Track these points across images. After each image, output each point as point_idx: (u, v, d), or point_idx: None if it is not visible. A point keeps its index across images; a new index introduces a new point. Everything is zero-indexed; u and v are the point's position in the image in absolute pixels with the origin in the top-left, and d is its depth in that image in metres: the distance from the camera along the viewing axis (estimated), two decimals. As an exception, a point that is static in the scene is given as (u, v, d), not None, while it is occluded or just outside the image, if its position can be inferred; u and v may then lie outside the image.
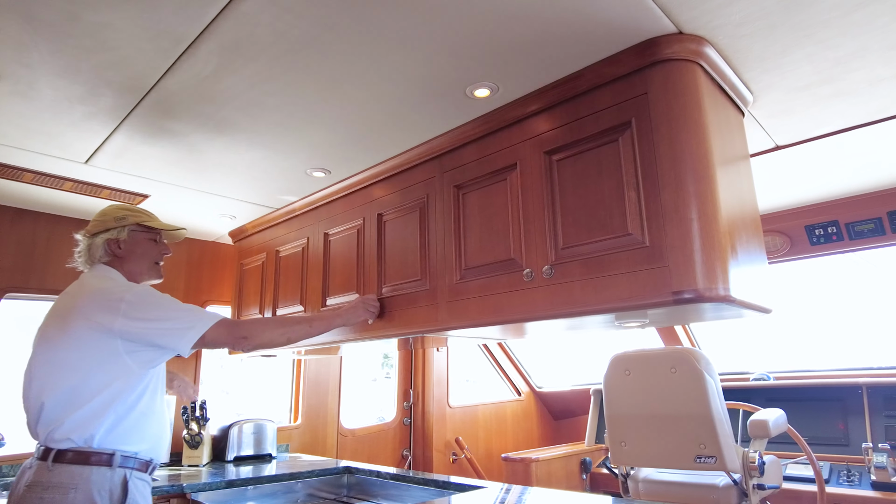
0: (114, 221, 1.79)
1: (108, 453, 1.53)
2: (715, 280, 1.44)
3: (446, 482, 2.35)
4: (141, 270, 1.83)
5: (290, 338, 1.86)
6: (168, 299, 1.69)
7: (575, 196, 1.69)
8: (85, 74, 1.63)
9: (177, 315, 1.65)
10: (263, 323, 1.84)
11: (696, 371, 2.49)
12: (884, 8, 1.40)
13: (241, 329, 1.75)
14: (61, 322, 1.61)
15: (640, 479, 2.90)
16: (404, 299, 2.16)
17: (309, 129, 2.01)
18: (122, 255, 1.79)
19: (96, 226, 1.79)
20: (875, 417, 3.10)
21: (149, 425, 1.64)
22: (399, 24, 1.45)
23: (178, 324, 1.64)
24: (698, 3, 1.40)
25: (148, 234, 1.85)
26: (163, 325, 1.62)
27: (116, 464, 1.53)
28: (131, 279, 1.79)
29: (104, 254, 1.77)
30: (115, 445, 1.55)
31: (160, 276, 1.90)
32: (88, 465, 1.50)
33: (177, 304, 1.69)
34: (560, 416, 4.77)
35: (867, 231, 2.81)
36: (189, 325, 1.65)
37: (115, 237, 1.77)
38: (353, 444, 3.71)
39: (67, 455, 1.50)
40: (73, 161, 2.23)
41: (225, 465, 2.93)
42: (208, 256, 3.39)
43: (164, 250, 1.91)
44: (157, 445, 1.67)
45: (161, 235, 1.90)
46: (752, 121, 1.98)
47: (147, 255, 1.84)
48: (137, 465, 1.59)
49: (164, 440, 1.72)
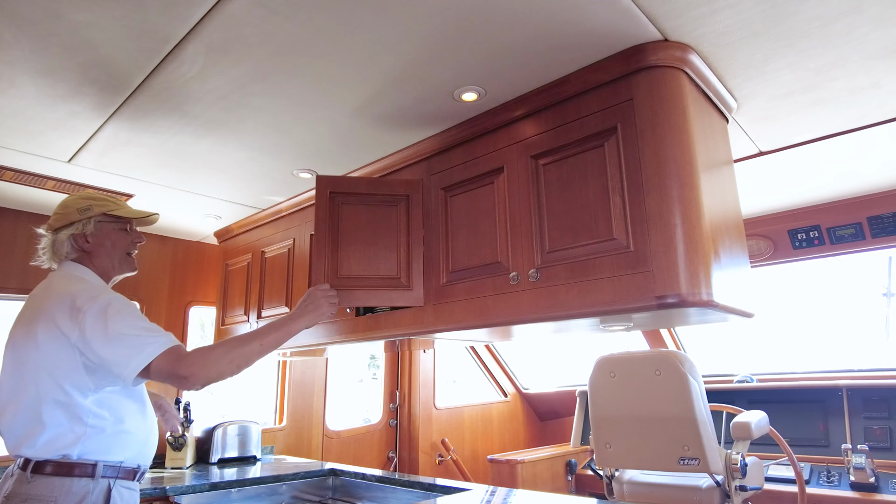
0: (77, 213, 1.62)
1: (90, 464, 1.44)
2: (698, 285, 1.46)
3: (432, 484, 2.35)
4: (113, 264, 1.67)
5: (241, 364, 1.55)
6: (129, 316, 1.49)
7: (561, 200, 1.70)
8: (68, 73, 1.61)
9: (130, 335, 1.45)
10: (207, 355, 1.50)
11: (680, 374, 2.51)
12: (861, 20, 1.43)
13: (182, 367, 1.45)
14: (27, 327, 1.50)
15: (625, 481, 2.92)
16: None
17: (296, 130, 2.01)
18: (91, 250, 1.63)
19: (58, 220, 1.63)
20: (854, 419, 3.15)
21: (133, 433, 1.54)
22: (386, 27, 1.45)
23: (127, 346, 1.43)
24: (683, 11, 1.41)
25: (117, 223, 1.68)
26: (112, 346, 1.43)
27: (99, 474, 1.44)
28: (103, 274, 1.65)
29: (71, 250, 1.62)
30: (96, 456, 1.45)
31: (134, 268, 1.74)
32: (69, 477, 1.41)
33: (135, 323, 1.48)
34: (546, 417, 4.79)
35: (848, 236, 2.86)
36: (138, 350, 1.43)
37: (80, 231, 1.61)
38: (339, 446, 3.70)
39: (46, 467, 1.41)
40: (56, 160, 2.20)
41: (209, 468, 2.91)
42: (193, 257, 3.36)
43: (136, 239, 1.74)
44: (143, 451, 1.58)
45: (132, 223, 1.74)
46: (737, 127, 2.01)
47: (117, 247, 1.68)
48: (123, 474, 1.50)
49: (151, 444, 1.62)
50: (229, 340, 1.57)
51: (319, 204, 2.03)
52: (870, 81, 1.71)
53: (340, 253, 2.01)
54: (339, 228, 2.04)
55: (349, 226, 2.04)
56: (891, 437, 2.99)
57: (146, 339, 1.45)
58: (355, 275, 2.00)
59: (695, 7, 1.39)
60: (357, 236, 2.04)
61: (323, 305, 1.80)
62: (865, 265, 3.43)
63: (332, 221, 2.03)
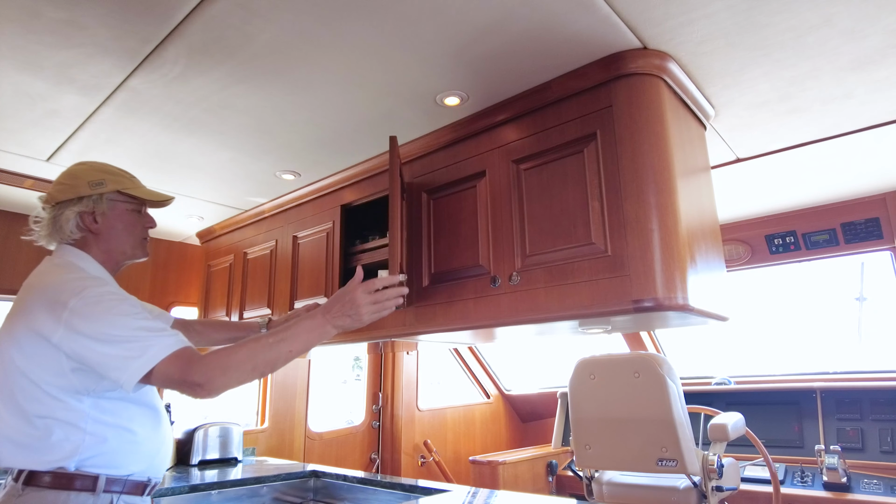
0: (88, 187, 1.38)
1: (91, 477, 1.26)
2: (674, 289, 1.49)
3: (413, 486, 2.36)
4: (123, 249, 1.45)
5: (264, 371, 1.35)
6: (122, 311, 1.28)
7: (541, 205, 1.72)
8: (47, 71, 1.60)
9: (125, 335, 1.24)
10: (226, 360, 1.30)
11: (658, 376, 2.55)
12: (833, 32, 1.47)
13: (196, 372, 1.25)
14: (9, 325, 1.32)
15: (604, 482, 2.95)
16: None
17: (278, 131, 2.01)
18: (98, 232, 1.40)
19: (63, 191, 1.38)
20: (828, 420, 3.22)
21: (142, 442, 1.36)
22: (370, 32, 1.46)
23: (123, 348, 1.23)
24: (662, 21, 1.44)
25: (131, 203, 1.46)
26: (106, 350, 1.23)
27: (101, 488, 1.27)
28: (109, 261, 1.44)
29: (75, 230, 1.38)
30: (98, 468, 1.28)
31: (147, 254, 1.54)
32: (66, 491, 1.24)
33: (130, 321, 1.27)
34: (527, 418, 4.82)
35: (822, 241, 2.93)
36: (137, 352, 1.23)
37: (89, 209, 1.38)
38: (321, 448, 3.69)
39: (41, 479, 1.24)
40: (34, 158, 2.17)
41: (189, 469, 2.88)
42: (175, 257, 3.33)
43: (148, 222, 1.53)
44: (154, 463, 1.39)
45: (145, 204, 1.51)
46: (715, 134, 2.04)
47: (131, 231, 1.46)
48: (129, 488, 1.32)
49: (164, 455, 1.44)
50: (252, 344, 1.35)
51: (394, 177, 1.80)
52: (842, 92, 1.76)
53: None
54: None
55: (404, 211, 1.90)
56: (862, 438, 3.06)
57: (148, 340, 1.25)
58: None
59: (673, 16, 1.42)
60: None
61: (364, 316, 1.47)
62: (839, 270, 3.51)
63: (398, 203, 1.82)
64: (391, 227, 1.78)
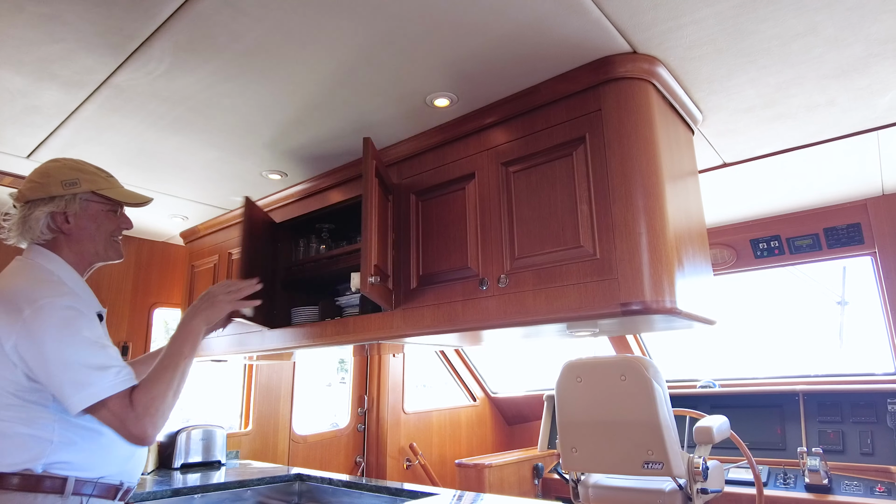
0: (61, 187, 1.36)
1: (60, 479, 1.26)
2: (662, 292, 1.49)
3: (399, 489, 2.34)
4: (96, 250, 1.43)
5: (179, 389, 1.36)
6: (75, 333, 1.25)
7: (530, 208, 1.72)
8: (28, 66, 1.56)
9: (78, 359, 1.22)
10: (152, 401, 1.28)
11: (644, 379, 2.56)
12: (816, 41, 1.49)
13: (133, 425, 1.25)
14: None
15: (591, 485, 2.95)
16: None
17: (264, 131, 1.98)
18: (70, 232, 1.38)
19: (35, 190, 1.35)
20: (810, 423, 3.26)
21: (113, 444, 1.34)
22: (358, 31, 1.45)
23: (68, 377, 1.22)
24: (651, 25, 1.45)
25: (105, 204, 1.43)
26: (51, 369, 1.22)
27: (69, 491, 1.26)
28: (80, 261, 1.41)
29: (45, 230, 1.36)
30: (68, 471, 1.27)
31: (121, 255, 1.50)
32: (33, 493, 1.24)
33: (85, 342, 1.25)
34: (513, 421, 4.82)
35: (806, 246, 2.97)
36: (88, 380, 1.22)
37: (61, 209, 1.36)
38: (306, 451, 3.65)
39: (8, 480, 1.23)
40: (14, 155, 2.12)
41: (171, 473, 2.84)
42: (158, 257, 3.28)
43: (124, 223, 1.49)
44: (128, 467, 1.39)
45: (120, 204, 1.48)
46: (702, 139, 2.06)
47: (103, 230, 1.43)
48: (100, 492, 1.31)
49: (136, 460, 1.43)
50: (161, 375, 1.33)
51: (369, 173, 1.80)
52: (825, 99, 1.78)
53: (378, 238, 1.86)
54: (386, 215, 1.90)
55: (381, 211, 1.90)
56: (843, 441, 3.10)
57: (102, 371, 1.24)
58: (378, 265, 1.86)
59: (662, 21, 1.43)
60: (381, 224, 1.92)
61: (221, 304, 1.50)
62: (821, 274, 3.56)
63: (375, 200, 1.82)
64: (364, 229, 1.77)
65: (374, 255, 1.75)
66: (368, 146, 1.82)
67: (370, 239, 1.74)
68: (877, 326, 2.96)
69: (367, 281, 1.72)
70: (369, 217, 1.76)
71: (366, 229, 1.76)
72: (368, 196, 1.78)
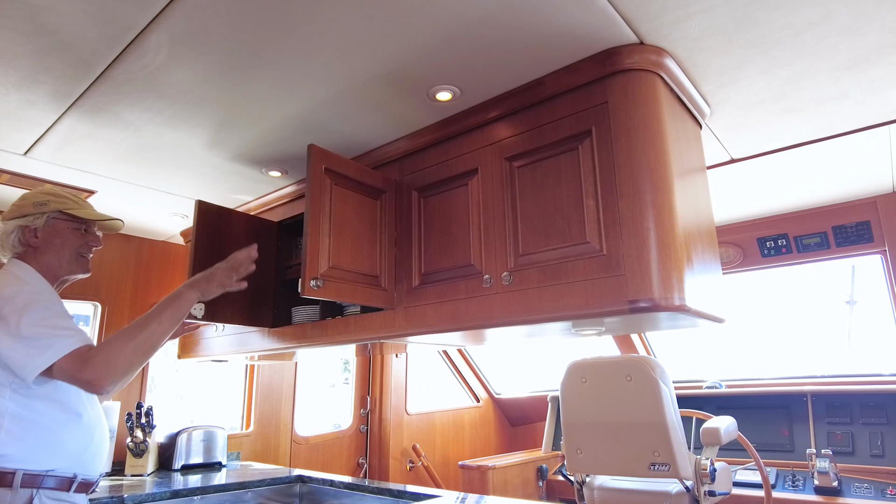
0: (32, 207, 1.56)
1: (9, 472, 1.35)
2: (671, 290, 1.45)
3: (401, 491, 2.31)
4: (60, 263, 1.59)
5: (146, 350, 1.45)
6: (43, 315, 1.40)
7: (534, 203, 1.68)
8: (21, 59, 1.53)
9: (36, 335, 1.36)
10: (107, 351, 1.40)
11: (650, 379, 2.52)
12: (830, 30, 1.45)
13: (86, 370, 1.36)
14: None
15: (596, 487, 2.91)
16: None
17: (264, 127, 1.95)
18: (38, 246, 1.56)
19: (12, 210, 1.58)
20: (818, 424, 3.21)
21: (63, 439, 1.44)
22: (357, 23, 1.41)
23: (27, 345, 1.35)
24: (659, 15, 1.41)
25: (73, 223, 1.61)
26: (12, 343, 1.35)
27: (18, 484, 1.35)
28: (48, 273, 1.56)
29: (17, 243, 1.55)
30: (16, 464, 1.36)
31: (86, 270, 1.65)
32: None
33: (45, 322, 1.39)
34: (517, 422, 4.78)
35: (813, 244, 2.92)
36: (40, 350, 1.35)
37: (30, 224, 1.55)
38: (307, 452, 3.62)
39: None
40: (11, 152, 2.10)
41: (171, 474, 2.81)
42: (158, 256, 3.25)
43: (92, 241, 1.65)
44: (82, 460, 1.47)
45: (91, 225, 1.66)
46: (710, 133, 2.02)
47: (67, 246, 1.59)
48: (53, 484, 1.40)
49: (91, 453, 1.51)
50: (125, 330, 1.46)
51: (314, 175, 1.82)
52: (837, 92, 1.74)
53: (333, 239, 1.85)
54: (332, 211, 1.87)
55: (339, 210, 1.88)
56: (853, 442, 3.06)
57: (50, 339, 1.36)
58: (346, 267, 1.87)
59: (670, 10, 1.39)
60: (346, 224, 1.89)
61: (218, 277, 1.67)
62: (830, 274, 3.51)
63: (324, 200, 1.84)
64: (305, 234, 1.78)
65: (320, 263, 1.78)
66: (313, 152, 1.83)
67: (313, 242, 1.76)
68: (886, 326, 2.91)
69: (308, 285, 1.75)
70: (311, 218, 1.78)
71: (307, 234, 1.77)
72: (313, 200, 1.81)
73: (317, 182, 1.82)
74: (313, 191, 1.81)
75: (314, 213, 1.80)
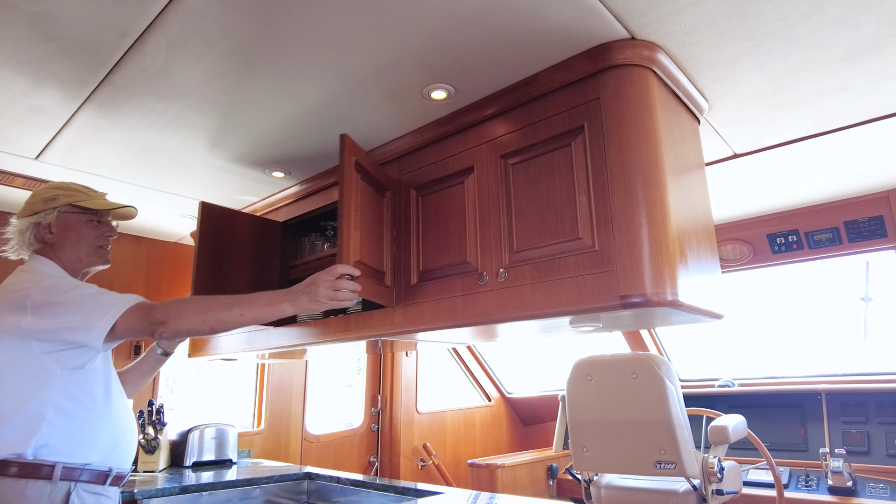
0: (42, 203, 1.58)
1: (48, 465, 1.38)
2: (663, 285, 1.44)
3: (406, 488, 2.32)
4: (79, 256, 1.60)
5: (215, 328, 1.47)
6: (80, 289, 1.47)
7: (528, 200, 1.69)
8: (26, 66, 1.58)
9: (86, 304, 1.42)
10: (182, 307, 1.45)
11: (656, 377, 2.50)
12: (824, 21, 1.43)
13: (158, 312, 1.42)
14: None
15: (603, 485, 2.90)
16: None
17: (265, 128, 1.98)
18: (54, 241, 1.57)
19: (25, 208, 1.60)
20: (833, 423, 3.15)
21: (99, 432, 1.48)
22: (350, 23, 1.43)
23: (86, 315, 1.40)
24: (648, 10, 1.41)
25: (85, 214, 1.62)
26: (70, 319, 1.40)
27: (57, 477, 1.38)
28: (69, 267, 1.59)
29: (33, 240, 1.57)
30: (55, 457, 1.39)
31: (106, 261, 1.67)
32: (24, 479, 1.35)
33: (88, 293, 1.46)
34: (529, 422, 4.77)
35: (825, 240, 2.87)
36: (99, 314, 1.40)
37: (43, 221, 1.56)
38: (318, 451, 3.66)
39: (2, 468, 1.35)
40: (23, 156, 2.16)
41: (182, 471, 2.86)
42: (169, 257, 3.32)
43: (107, 231, 1.66)
44: (115, 454, 1.51)
45: (103, 215, 1.67)
46: (710, 128, 2.00)
47: (83, 240, 1.61)
48: (89, 477, 1.43)
49: (123, 447, 1.55)
50: (208, 300, 1.50)
51: (347, 167, 1.74)
52: (837, 84, 1.71)
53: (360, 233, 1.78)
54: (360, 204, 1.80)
55: (362, 205, 1.82)
56: (868, 442, 3.00)
57: (108, 301, 1.42)
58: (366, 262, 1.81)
59: (659, 5, 1.39)
60: (365, 219, 1.84)
61: (321, 296, 1.53)
62: (844, 270, 3.44)
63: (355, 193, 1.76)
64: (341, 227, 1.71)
65: (352, 253, 1.71)
66: (345, 143, 1.77)
67: (348, 237, 1.70)
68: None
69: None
70: (347, 215, 1.71)
71: (342, 226, 1.70)
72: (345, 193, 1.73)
73: (349, 173, 1.75)
74: (346, 182, 1.74)
75: (347, 204, 1.73)
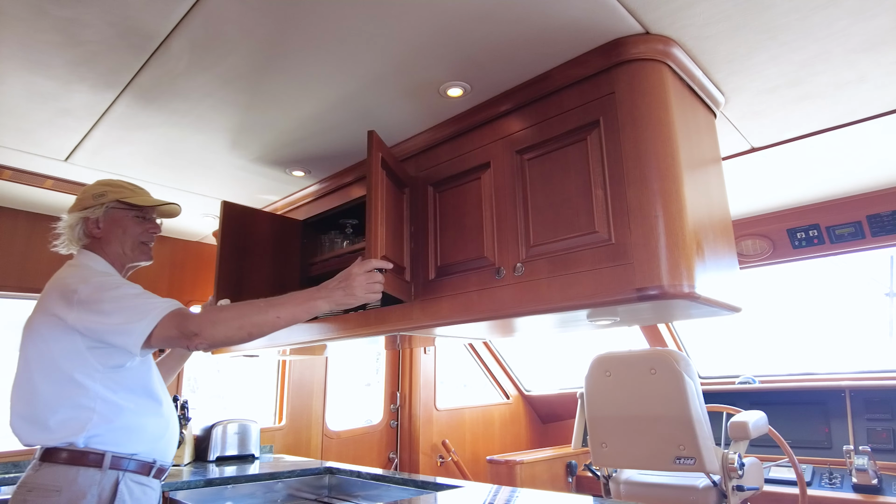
0: (91, 199, 1.65)
1: (99, 454, 1.43)
2: (679, 277, 1.45)
3: (425, 482, 2.35)
4: (123, 251, 1.67)
5: (252, 333, 1.47)
6: (124, 289, 1.50)
7: (544, 195, 1.70)
8: (56, 70, 1.64)
9: (128, 307, 1.45)
10: (216, 315, 1.47)
11: (675, 372, 2.49)
12: (840, 12, 1.42)
13: (191, 323, 1.43)
14: (30, 318, 1.54)
15: (622, 481, 2.90)
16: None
17: (285, 127, 2.02)
18: (101, 236, 1.64)
19: (75, 204, 1.67)
20: (857, 421, 3.11)
21: (145, 425, 1.53)
22: (366, 22, 1.46)
23: (127, 318, 1.43)
24: (662, 4, 1.41)
25: (131, 211, 1.69)
26: (112, 320, 1.43)
27: (107, 465, 1.43)
28: (115, 262, 1.66)
29: (82, 235, 1.64)
30: (106, 446, 1.45)
31: (149, 257, 1.75)
32: (76, 466, 1.40)
33: (131, 294, 1.49)
34: (548, 419, 4.77)
35: (847, 235, 2.82)
36: (138, 318, 1.43)
37: (91, 216, 1.63)
38: (339, 447, 3.71)
39: (55, 455, 1.41)
40: (53, 158, 2.23)
41: (206, 465, 2.93)
42: (192, 256, 3.39)
43: (151, 228, 1.74)
44: (159, 446, 1.56)
45: (148, 212, 1.74)
46: (727, 122, 1.99)
47: (129, 235, 1.68)
48: (135, 468, 1.48)
49: (167, 440, 1.60)
50: (242, 306, 1.51)
51: (374, 162, 1.76)
52: (855, 76, 1.69)
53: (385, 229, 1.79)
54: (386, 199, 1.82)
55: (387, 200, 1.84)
56: (894, 439, 2.95)
57: (148, 306, 1.45)
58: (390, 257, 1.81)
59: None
60: (389, 214, 1.87)
61: (357, 290, 1.56)
62: (868, 265, 3.39)
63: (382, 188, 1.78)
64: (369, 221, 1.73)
65: (380, 247, 1.73)
66: (373, 140, 1.80)
67: (376, 232, 1.72)
68: (928, 318, 2.80)
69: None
70: (375, 210, 1.74)
71: (371, 221, 1.72)
72: (373, 188, 1.76)
73: (376, 169, 1.78)
74: (374, 178, 1.76)
75: (375, 200, 1.74)
